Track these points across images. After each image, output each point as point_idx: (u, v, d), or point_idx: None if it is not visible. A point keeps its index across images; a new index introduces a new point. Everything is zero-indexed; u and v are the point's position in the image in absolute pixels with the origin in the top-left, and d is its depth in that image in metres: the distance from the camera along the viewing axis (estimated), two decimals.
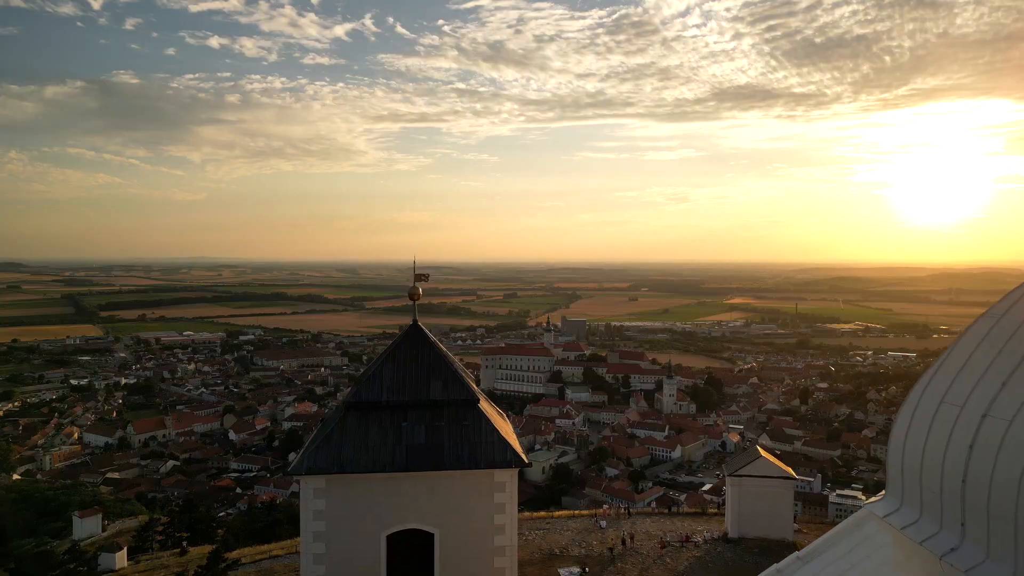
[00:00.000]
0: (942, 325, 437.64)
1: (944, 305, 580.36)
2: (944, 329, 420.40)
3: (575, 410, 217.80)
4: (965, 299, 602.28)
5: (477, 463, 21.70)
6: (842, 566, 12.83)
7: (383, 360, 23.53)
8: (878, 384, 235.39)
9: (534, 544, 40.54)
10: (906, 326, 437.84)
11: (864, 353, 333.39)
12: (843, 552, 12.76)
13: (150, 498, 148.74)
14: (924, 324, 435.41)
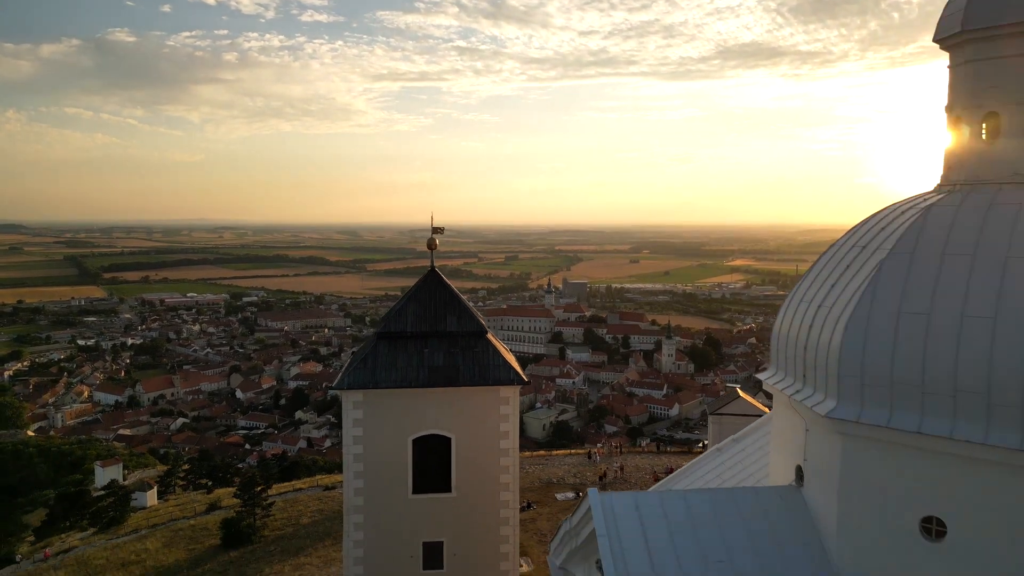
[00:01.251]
0: None
1: None
2: None
3: (575, 370, 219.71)
4: None
5: (486, 381, 25.75)
6: (758, 436, 17.47)
7: (407, 299, 27.07)
8: None
9: (534, 475, 42.67)
10: None
11: None
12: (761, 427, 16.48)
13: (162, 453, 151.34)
14: None
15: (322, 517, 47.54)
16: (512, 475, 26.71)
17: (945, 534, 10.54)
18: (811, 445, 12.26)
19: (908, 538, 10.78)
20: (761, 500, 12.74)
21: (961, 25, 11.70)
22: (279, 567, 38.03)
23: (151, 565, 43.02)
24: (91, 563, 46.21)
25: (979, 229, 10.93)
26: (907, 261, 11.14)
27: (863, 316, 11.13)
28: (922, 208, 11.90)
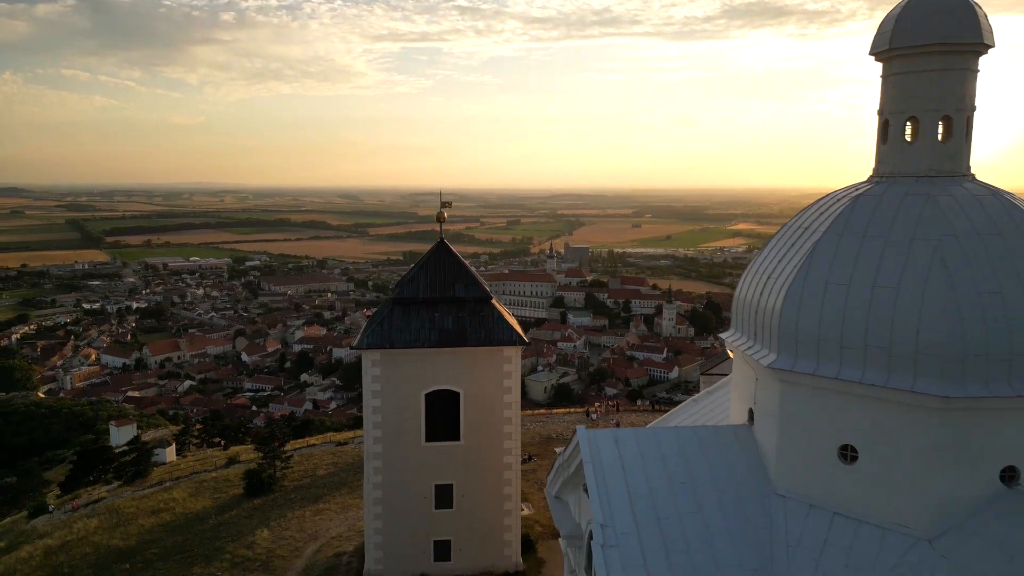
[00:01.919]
0: None
1: None
2: None
3: (576, 334, 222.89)
4: None
5: (491, 342, 28.87)
6: (728, 389, 19.77)
7: (419, 267, 29.73)
8: None
9: (535, 431, 45.87)
10: None
11: None
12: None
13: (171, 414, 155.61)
14: None
15: (336, 469, 50.95)
16: (514, 426, 29.71)
17: (857, 458, 13.31)
18: (759, 391, 15.00)
19: (829, 462, 13.57)
20: (719, 435, 15.54)
21: (889, 43, 13.98)
22: (300, 512, 41.39)
23: (180, 512, 46.46)
24: (122, 511, 49.64)
25: (894, 215, 13.42)
26: (836, 242, 13.67)
27: (799, 286, 13.72)
28: (852, 197, 14.38)
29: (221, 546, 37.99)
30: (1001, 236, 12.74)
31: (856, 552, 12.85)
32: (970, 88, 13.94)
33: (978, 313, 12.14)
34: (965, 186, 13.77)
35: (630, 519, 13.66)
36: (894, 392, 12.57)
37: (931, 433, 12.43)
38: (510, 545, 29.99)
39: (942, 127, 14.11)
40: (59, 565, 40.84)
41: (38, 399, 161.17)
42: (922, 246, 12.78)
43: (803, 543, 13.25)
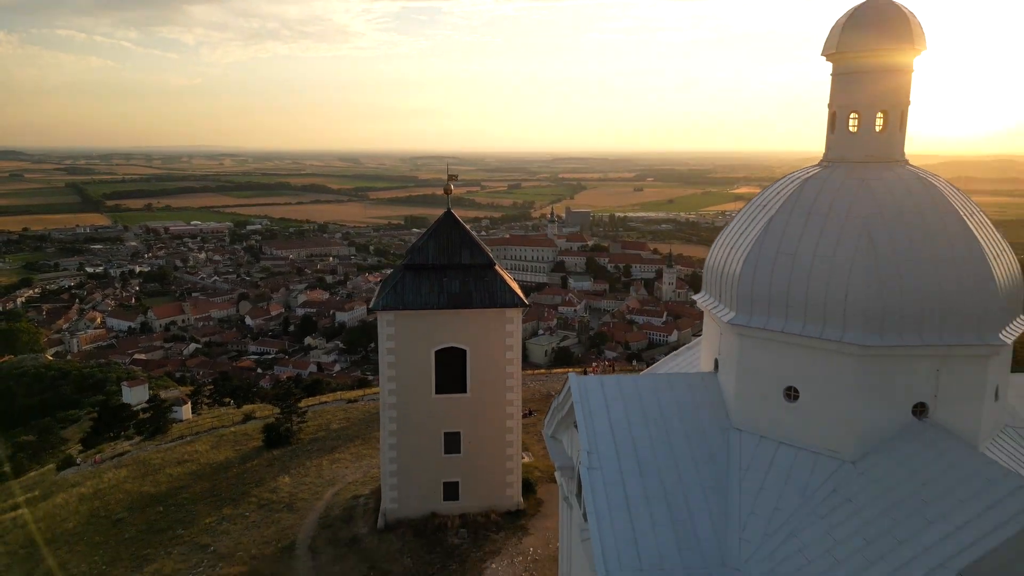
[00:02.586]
0: None
1: None
2: None
3: (577, 298, 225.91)
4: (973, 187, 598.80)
5: (494, 304, 31.78)
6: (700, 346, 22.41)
7: (428, 236, 32.51)
8: None
9: (535, 389, 48.98)
10: None
11: None
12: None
13: (178, 376, 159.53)
14: None
15: (348, 424, 54.29)
16: (515, 381, 32.69)
17: (798, 397, 16.13)
18: (722, 343, 17.75)
19: (776, 401, 16.40)
20: (689, 381, 18.37)
21: (836, 47, 16.33)
22: (317, 462, 44.77)
23: (204, 462, 49.90)
24: (149, 462, 53.12)
25: (834, 196, 15.96)
26: (786, 219, 16.25)
27: (755, 256, 16.35)
28: (802, 180, 16.90)
29: (247, 490, 41.44)
30: (920, 214, 15.32)
31: (794, 473, 15.77)
32: (904, 86, 16.35)
33: (895, 279, 14.80)
34: (896, 171, 16.30)
35: (611, 447, 16.56)
36: (827, 342, 15.31)
37: (856, 375, 15.22)
38: (512, 486, 33.25)
39: (881, 120, 16.56)
40: (96, 509, 44.33)
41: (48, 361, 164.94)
42: (854, 223, 15.37)
43: (752, 467, 16.17)
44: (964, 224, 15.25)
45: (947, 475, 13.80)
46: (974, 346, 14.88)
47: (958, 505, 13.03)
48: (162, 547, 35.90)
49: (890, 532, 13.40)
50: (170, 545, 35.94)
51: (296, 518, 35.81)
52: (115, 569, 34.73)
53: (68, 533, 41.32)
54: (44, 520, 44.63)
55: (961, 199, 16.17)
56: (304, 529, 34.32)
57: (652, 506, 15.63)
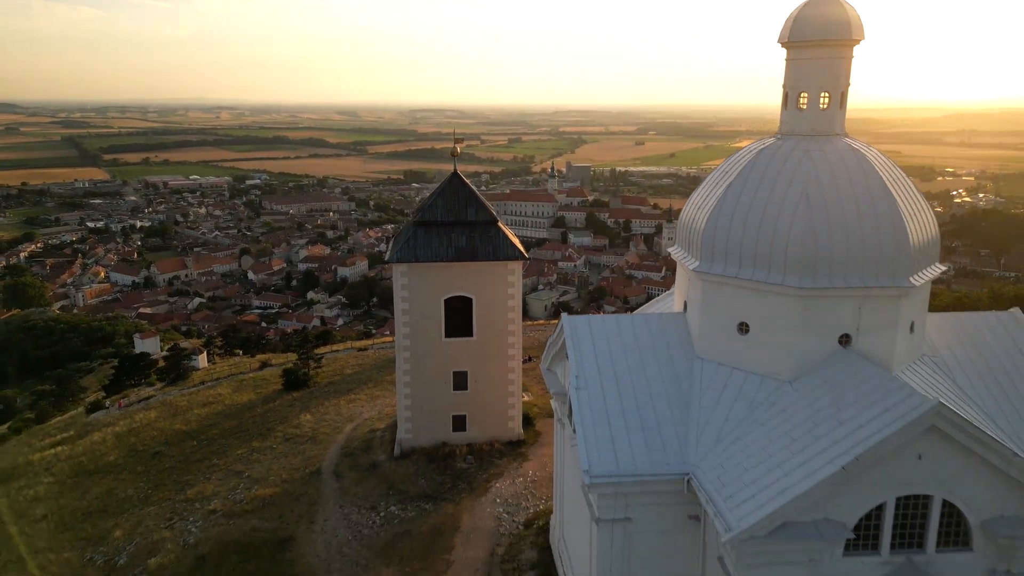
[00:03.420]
0: (948, 167, 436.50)
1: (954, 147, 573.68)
2: (950, 171, 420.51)
3: (576, 254, 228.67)
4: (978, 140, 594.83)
5: (497, 257, 35.07)
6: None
7: (436, 195, 35.75)
8: None
9: (534, 338, 52.75)
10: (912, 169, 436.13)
11: None
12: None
13: (184, 330, 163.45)
14: (930, 167, 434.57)
15: (361, 369, 58.29)
16: (516, 326, 36.28)
17: (749, 331, 19.67)
18: (689, 288, 21.21)
19: (731, 333, 19.94)
20: (662, 319, 21.91)
21: (788, 38, 19.29)
22: (335, 402, 48.83)
23: (228, 404, 54.04)
24: (176, 405, 57.31)
25: (782, 164, 19.17)
26: (742, 183, 19.51)
27: (716, 215, 19.66)
28: (758, 150, 20.08)
29: (271, 427, 45.59)
30: (849, 180, 18.56)
31: (743, 391, 19.43)
32: (844, 71, 19.37)
33: (825, 233, 18.15)
34: (835, 143, 19.47)
35: (595, 372, 20.19)
36: (772, 286, 18.75)
37: (795, 312, 18.72)
38: (513, 420, 37.26)
39: (825, 99, 19.63)
40: (133, 444, 48.63)
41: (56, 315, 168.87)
42: (796, 187, 18.64)
43: (710, 386, 19.83)
44: (886, 188, 18.53)
45: (858, 389, 17.43)
46: (888, 288, 18.34)
47: (863, 410, 16.68)
48: (200, 474, 40.16)
49: (810, 432, 17.11)
50: (207, 472, 40.19)
51: (320, 449, 39.96)
52: (160, 492, 39.04)
53: (111, 465, 45.64)
54: (85, 455, 48.93)
55: (887, 166, 19.40)
56: (328, 458, 38.48)
57: (627, 418, 19.36)
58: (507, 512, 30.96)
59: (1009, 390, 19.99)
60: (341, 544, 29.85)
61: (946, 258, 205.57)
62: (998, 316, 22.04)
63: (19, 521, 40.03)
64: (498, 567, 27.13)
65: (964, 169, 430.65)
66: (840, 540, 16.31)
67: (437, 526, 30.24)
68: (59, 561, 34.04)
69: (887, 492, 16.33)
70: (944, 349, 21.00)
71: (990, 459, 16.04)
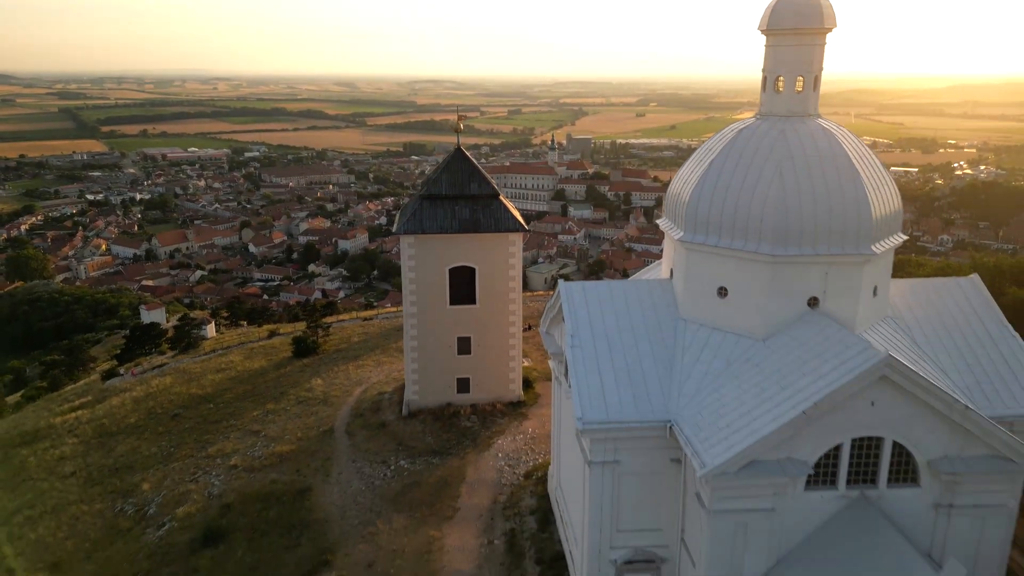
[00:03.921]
0: (950, 139, 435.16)
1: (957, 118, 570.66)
2: (951, 143, 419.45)
3: (576, 226, 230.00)
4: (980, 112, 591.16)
5: (499, 229, 37.05)
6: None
7: (441, 170, 37.49)
8: None
9: (534, 308, 55.00)
10: (913, 141, 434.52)
11: None
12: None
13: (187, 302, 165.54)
14: (932, 138, 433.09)
15: (367, 337, 60.55)
16: (516, 294, 38.37)
17: (727, 294, 21.76)
18: (675, 256, 23.24)
19: (712, 297, 22.01)
20: (650, 285, 23.99)
21: (766, 26, 21.03)
22: (344, 367, 51.14)
23: (241, 370, 56.39)
24: (189, 371, 59.71)
25: (759, 143, 21.04)
26: (723, 160, 21.41)
27: (699, 189, 21.60)
28: (738, 129, 21.95)
29: (284, 391, 47.99)
30: (819, 157, 20.47)
31: (721, 349, 21.58)
32: (818, 57, 21.15)
33: (796, 206, 20.13)
34: (808, 124, 21.33)
35: (588, 332, 22.33)
36: (747, 253, 20.79)
37: (768, 277, 20.78)
38: (514, 382, 39.59)
39: (799, 83, 21.44)
40: (152, 408, 51.11)
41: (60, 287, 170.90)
42: (771, 164, 20.56)
43: (692, 345, 21.99)
44: (852, 165, 20.45)
45: (822, 345, 19.57)
46: (852, 255, 20.39)
47: (824, 363, 18.84)
48: (219, 434, 42.63)
49: (778, 383, 19.31)
50: (225, 432, 42.65)
51: (331, 410, 42.37)
52: (182, 450, 41.55)
53: (132, 426, 48.15)
54: (107, 417, 51.46)
55: (855, 145, 21.31)
56: (340, 418, 40.91)
57: (617, 373, 21.54)
58: (508, 465, 33.41)
59: (963, 347, 22.15)
60: (355, 494, 32.34)
61: (944, 230, 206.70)
62: (958, 282, 24.11)
63: (49, 477, 42.62)
64: (500, 513, 29.59)
65: (966, 141, 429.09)
66: (802, 476, 18.60)
67: (444, 478, 32.70)
68: (91, 512, 36.62)
69: (844, 434, 18.58)
70: (906, 311, 23.11)
71: (934, 405, 18.23)
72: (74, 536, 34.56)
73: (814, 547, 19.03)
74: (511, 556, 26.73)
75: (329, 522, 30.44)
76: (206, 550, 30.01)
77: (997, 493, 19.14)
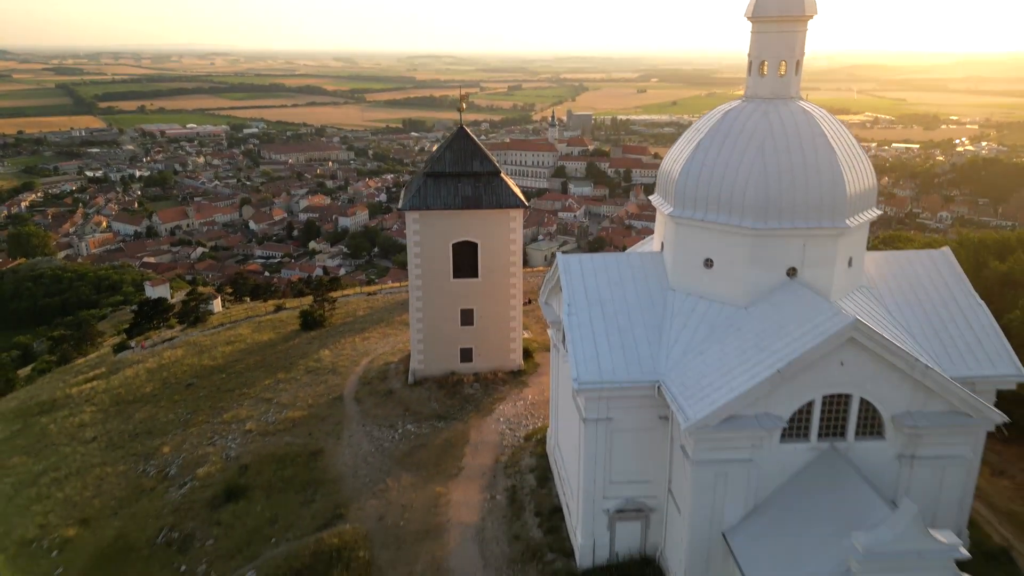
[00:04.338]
0: (952, 115, 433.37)
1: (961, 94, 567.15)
2: (954, 120, 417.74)
3: (577, 204, 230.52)
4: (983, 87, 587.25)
5: (500, 205, 38.43)
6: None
7: (444, 148, 38.95)
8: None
9: (533, 283, 56.71)
10: (916, 117, 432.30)
11: (868, 145, 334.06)
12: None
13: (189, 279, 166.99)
14: (935, 115, 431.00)
15: (372, 311, 62.37)
16: (517, 268, 39.99)
17: (713, 265, 23.46)
18: (665, 230, 24.90)
19: (698, 268, 23.70)
20: (642, 257, 25.69)
21: (752, 12, 22.45)
22: (350, 339, 53.00)
23: (250, 342, 58.27)
24: (200, 344, 61.60)
25: (743, 124, 22.58)
26: (710, 140, 22.96)
27: (687, 167, 23.18)
28: (725, 111, 23.47)
29: (294, 361, 49.90)
30: (798, 137, 22.02)
31: (707, 316, 23.33)
32: (799, 43, 22.58)
33: (776, 183, 21.74)
34: (790, 106, 22.84)
35: (584, 300, 24.07)
36: (731, 227, 22.45)
37: (750, 249, 22.45)
38: (514, 352, 41.43)
39: (782, 67, 22.90)
40: (166, 378, 53.08)
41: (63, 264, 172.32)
42: (753, 144, 22.13)
43: (679, 312, 23.74)
44: (829, 144, 22.02)
45: (799, 311, 21.32)
46: (828, 228, 22.05)
47: (798, 327, 20.60)
48: (232, 401, 44.62)
49: (757, 345, 21.10)
50: (239, 400, 44.63)
51: (340, 379, 44.31)
52: (198, 416, 43.57)
53: (148, 395, 50.17)
54: (122, 387, 53.46)
55: (833, 126, 22.87)
56: (348, 386, 42.85)
57: (610, 338, 23.34)
58: (509, 429, 35.39)
59: (932, 314, 23.92)
60: (365, 455, 34.36)
61: (944, 207, 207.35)
62: (930, 254, 25.80)
63: (71, 442, 44.71)
64: (502, 471, 31.61)
65: (968, 117, 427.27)
66: (777, 429, 20.47)
67: (449, 440, 34.69)
68: (115, 473, 38.73)
69: (815, 391, 20.41)
70: (880, 281, 24.83)
71: (898, 365, 20.03)
72: (100, 495, 36.68)
73: (788, 494, 20.97)
74: (512, 509, 28.76)
75: (341, 480, 32.47)
76: (227, 505, 32.09)
77: (955, 445, 21.02)
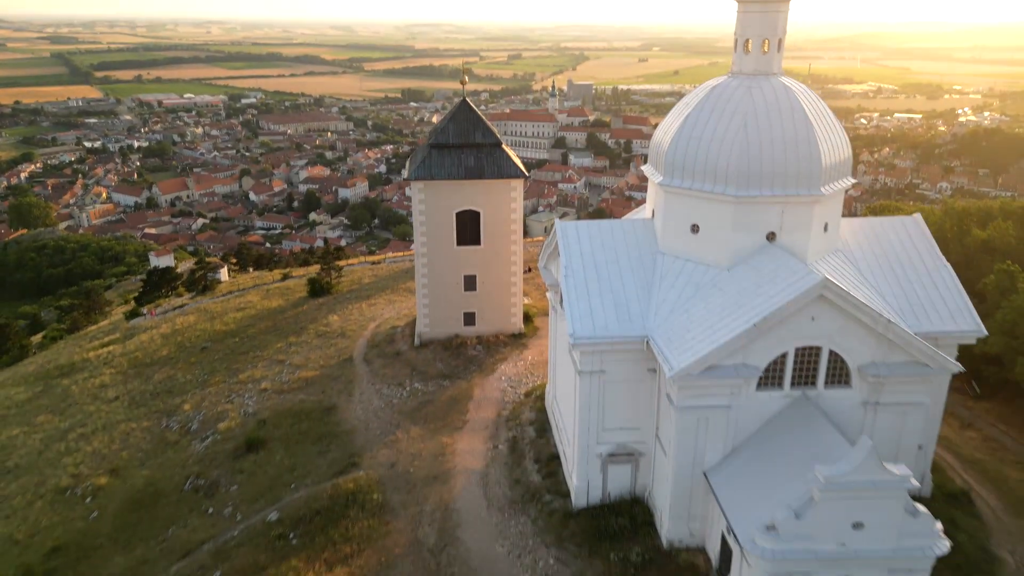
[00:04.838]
0: (956, 84, 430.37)
1: (965, 63, 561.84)
2: (957, 89, 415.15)
3: (577, 175, 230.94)
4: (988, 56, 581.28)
5: (501, 175, 40.21)
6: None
7: (448, 120, 40.51)
8: (873, 146, 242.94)
9: (533, 253, 58.79)
10: (919, 86, 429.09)
11: (870, 115, 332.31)
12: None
13: (191, 250, 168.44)
14: (938, 84, 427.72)
15: (377, 280, 64.40)
16: (517, 236, 41.82)
17: (699, 230, 25.41)
18: (656, 198, 26.83)
19: (686, 232, 25.64)
20: (634, 224, 27.64)
21: None
22: (357, 306, 55.11)
23: (260, 308, 60.37)
24: (211, 310, 63.72)
25: (728, 98, 24.34)
26: (697, 113, 24.73)
27: (676, 138, 24.99)
28: (712, 86, 25.20)
29: (304, 326, 52.11)
30: (778, 111, 23.80)
31: (693, 277, 25.36)
32: (782, 22, 24.23)
33: (756, 153, 23.58)
34: (772, 82, 24.57)
35: (580, 263, 26.08)
36: (715, 195, 24.36)
37: (732, 215, 24.39)
38: (515, 316, 43.56)
39: (765, 45, 24.58)
40: (181, 342, 55.33)
41: (65, 235, 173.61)
42: (737, 117, 23.93)
43: (668, 273, 25.77)
44: (807, 118, 23.82)
45: (775, 272, 23.35)
46: (804, 196, 23.96)
47: (774, 286, 22.65)
48: (247, 363, 46.89)
49: (736, 302, 23.19)
50: (253, 361, 46.90)
51: (349, 342, 46.53)
52: (215, 377, 45.88)
53: (165, 358, 52.46)
54: (139, 351, 55.75)
55: (812, 100, 24.65)
56: (357, 348, 45.09)
57: (603, 297, 25.41)
58: (511, 386, 37.70)
59: (900, 275, 25.96)
60: (376, 410, 36.72)
61: (943, 177, 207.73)
62: (903, 220, 27.75)
63: (94, 402, 47.13)
64: (504, 424, 33.98)
65: (972, 87, 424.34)
66: (753, 378, 22.66)
67: (454, 396, 37.02)
68: (140, 428, 41.17)
69: (789, 343, 22.54)
70: (855, 245, 26.82)
71: (863, 320, 22.12)
72: (127, 448, 39.13)
73: (763, 437, 23.25)
74: (513, 457, 31.16)
75: (354, 433, 34.85)
76: (248, 455, 34.51)
77: (915, 393, 23.24)
